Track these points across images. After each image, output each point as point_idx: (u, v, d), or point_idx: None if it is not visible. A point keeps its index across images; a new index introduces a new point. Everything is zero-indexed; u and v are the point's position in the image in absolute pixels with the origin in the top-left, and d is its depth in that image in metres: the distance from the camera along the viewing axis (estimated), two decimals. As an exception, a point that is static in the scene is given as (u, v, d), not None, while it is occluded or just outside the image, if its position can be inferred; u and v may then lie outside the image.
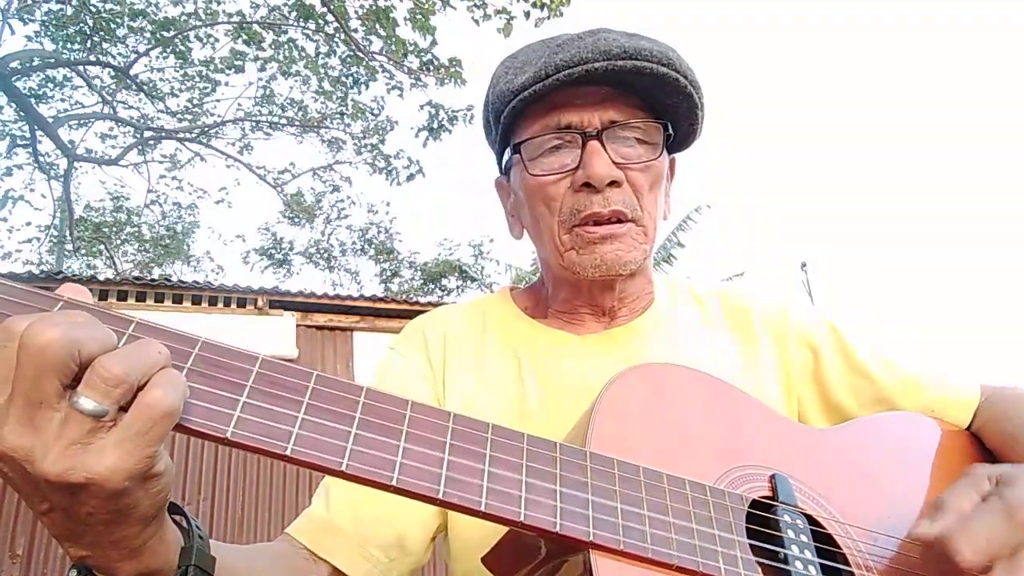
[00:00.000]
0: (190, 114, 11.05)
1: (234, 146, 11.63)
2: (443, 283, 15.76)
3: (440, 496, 0.50)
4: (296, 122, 11.32)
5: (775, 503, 0.65)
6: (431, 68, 8.76)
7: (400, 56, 8.67)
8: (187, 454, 5.97)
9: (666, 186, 0.90)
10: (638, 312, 0.91)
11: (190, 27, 9.37)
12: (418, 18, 8.14)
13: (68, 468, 0.41)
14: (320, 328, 7.13)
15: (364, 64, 9.31)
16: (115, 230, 14.34)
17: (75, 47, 9.27)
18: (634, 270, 0.83)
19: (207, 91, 10.72)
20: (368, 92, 10.32)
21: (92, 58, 9.23)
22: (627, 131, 0.82)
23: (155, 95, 10.42)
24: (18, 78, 8.40)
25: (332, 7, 8.19)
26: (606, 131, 0.81)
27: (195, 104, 10.93)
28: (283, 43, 9.63)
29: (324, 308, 7.19)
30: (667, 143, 0.84)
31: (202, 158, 11.94)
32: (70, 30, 9.00)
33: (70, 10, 8.66)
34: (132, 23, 9.28)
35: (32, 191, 10.83)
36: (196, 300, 6.87)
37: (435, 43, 8.59)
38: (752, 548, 0.60)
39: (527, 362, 0.87)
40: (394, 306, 7.47)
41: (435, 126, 9.52)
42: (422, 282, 15.94)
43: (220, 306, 6.91)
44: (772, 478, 0.67)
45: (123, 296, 6.66)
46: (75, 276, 7.81)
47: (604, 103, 0.82)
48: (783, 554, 0.61)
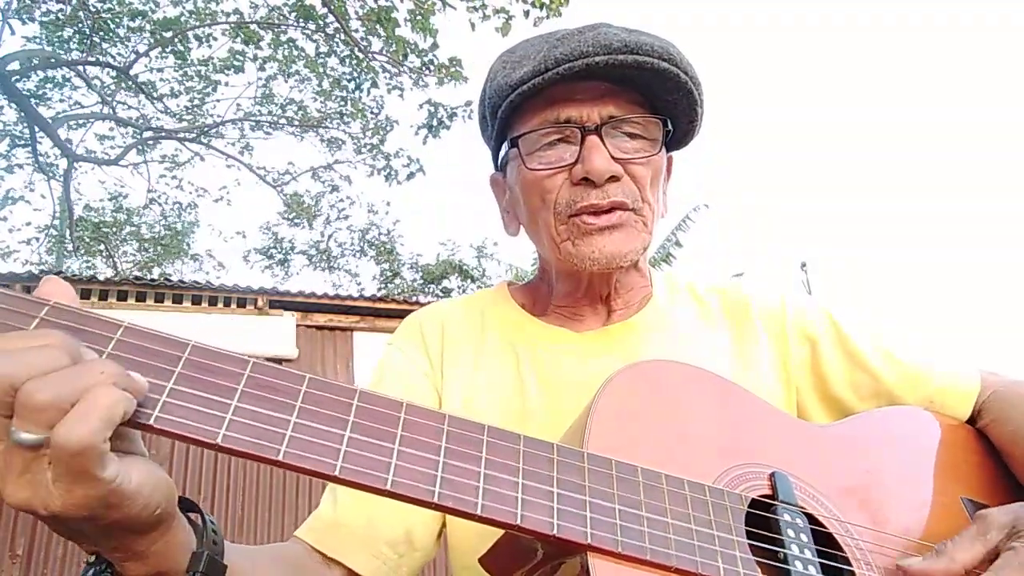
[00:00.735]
0: (190, 114, 11.04)
1: (234, 146, 11.63)
2: (443, 284, 15.74)
3: (435, 500, 0.49)
4: (296, 122, 11.31)
5: (775, 502, 0.64)
6: (431, 68, 8.75)
7: (400, 56, 8.65)
8: (187, 454, 5.97)
9: (663, 184, 0.90)
10: (635, 307, 0.91)
11: (189, 27, 9.36)
12: (418, 19, 8.12)
13: (26, 499, 0.40)
14: (320, 328, 7.13)
15: (364, 65, 9.30)
16: (115, 230, 14.32)
17: (74, 47, 9.26)
18: (633, 260, 0.83)
19: (207, 91, 10.71)
20: (368, 94, 10.31)
21: (91, 58, 9.21)
22: (626, 126, 0.81)
23: (155, 95, 10.41)
24: (18, 78, 8.39)
25: (332, 7, 8.17)
26: (605, 126, 0.80)
27: (195, 104, 10.92)
28: (282, 43, 9.61)
29: (324, 308, 7.19)
30: (666, 139, 0.84)
31: (202, 158, 11.95)
32: (69, 30, 8.99)
33: (69, 10, 8.64)
34: (131, 23, 9.27)
35: (32, 191, 10.84)
36: (196, 300, 6.87)
37: (436, 45, 8.58)
38: (752, 548, 0.59)
39: (526, 359, 0.87)
40: (394, 306, 7.46)
41: (434, 123, 9.51)
42: (423, 283, 15.90)
43: (220, 306, 6.90)
44: (772, 476, 0.66)
45: (123, 296, 6.65)
46: (75, 276, 7.78)
47: (603, 98, 0.81)
48: (783, 554, 0.61)
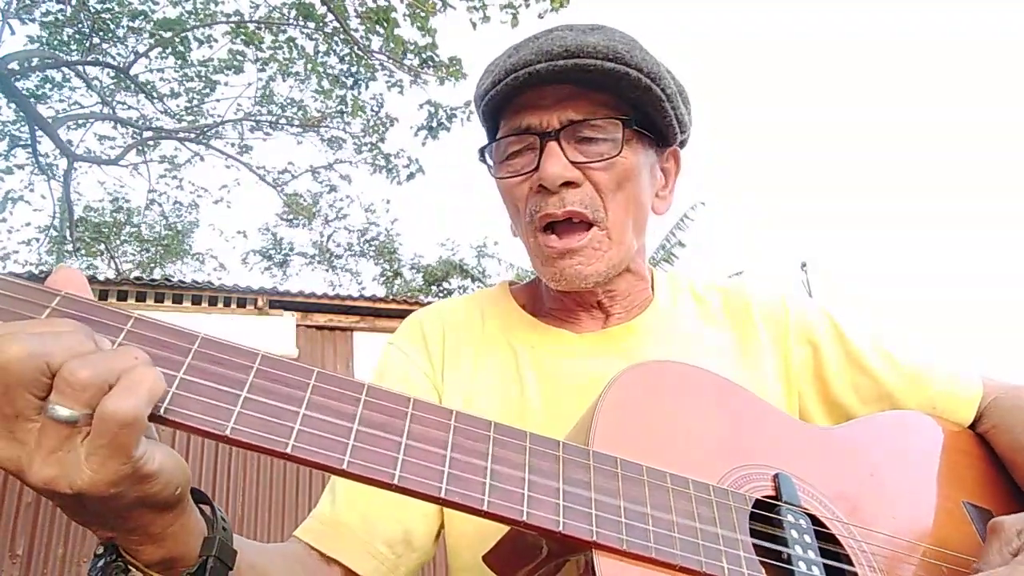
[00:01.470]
0: (190, 114, 11.04)
1: (234, 146, 11.62)
2: (444, 285, 15.72)
3: (442, 495, 0.49)
4: (296, 121, 11.31)
5: (779, 503, 0.64)
6: (431, 66, 8.75)
7: (400, 55, 8.65)
8: (187, 454, 5.95)
9: (664, 180, 0.90)
10: (635, 311, 0.91)
11: (189, 27, 9.36)
12: (419, 14, 8.12)
13: (52, 477, 0.41)
14: (320, 328, 7.13)
15: (364, 63, 9.30)
16: (115, 230, 14.30)
17: (74, 47, 9.26)
18: (599, 281, 0.82)
19: (206, 91, 10.71)
20: (368, 90, 10.32)
21: (91, 58, 9.22)
22: (586, 130, 0.79)
23: (154, 95, 10.41)
24: (18, 78, 8.39)
25: (332, 6, 8.17)
26: (564, 130, 0.79)
27: (195, 104, 10.92)
28: (282, 43, 9.62)
29: (324, 308, 7.19)
30: (631, 139, 0.81)
31: (202, 158, 11.94)
32: (69, 31, 9.00)
33: (69, 10, 8.65)
34: (131, 23, 9.27)
35: (32, 191, 10.82)
36: (196, 300, 6.87)
37: (435, 44, 8.58)
38: (755, 548, 0.60)
39: (526, 360, 0.87)
40: (394, 306, 7.46)
41: (434, 124, 9.51)
42: (424, 283, 15.89)
43: (220, 306, 6.90)
44: (775, 477, 0.66)
45: (123, 296, 6.66)
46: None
47: (563, 103, 0.80)
48: (786, 554, 0.61)
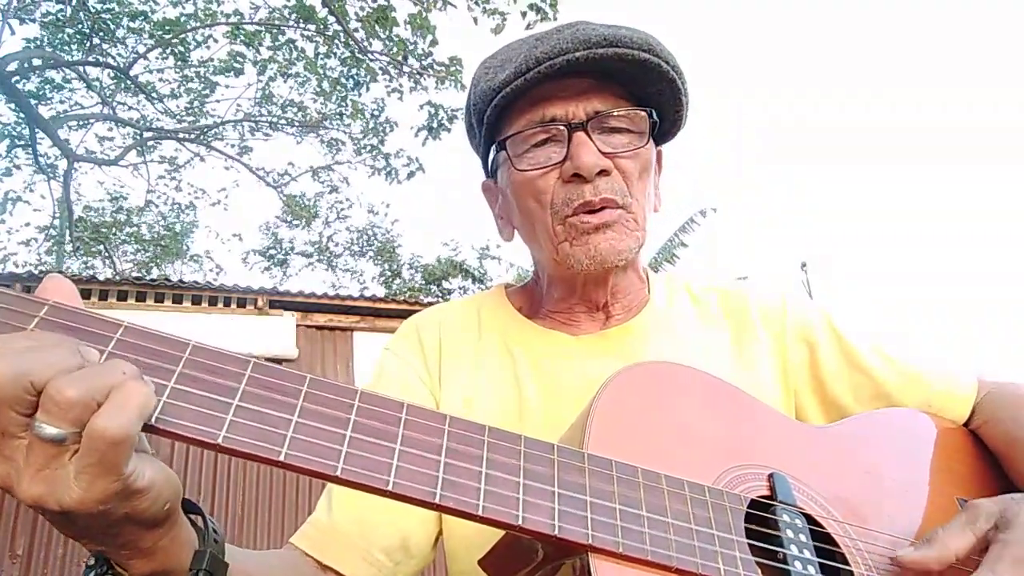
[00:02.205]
0: (190, 115, 11.04)
1: (234, 147, 11.62)
2: (444, 284, 15.69)
3: (437, 500, 0.49)
4: (296, 123, 11.30)
5: (774, 502, 0.64)
6: (431, 69, 8.75)
7: (400, 56, 8.65)
8: (187, 454, 5.96)
9: (655, 178, 0.90)
10: (633, 311, 0.91)
11: (189, 28, 9.36)
12: (420, 13, 8.11)
13: (41, 494, 0.41)
14: (320, 328, 7.12)
15: (364, 65, 9.29)
16: (114, 230, 14.30)
17: (74, 48, 9.26)
18: (629, 259, 0.83)
19: (206, 92, 10.70)
20: (368, 94, 10.31)
21: (91, 59, 9.21)
22: (612, 120, 0.82)
23: (154, 96, 10.40)
24: (18, 79, 8.39)
25: (332, 7, 8.17)
26: (591, 121, 0.80)
27: (194, 105, 10.91)
28: (282, 44, 9.61)
29: (324, 308, 7.19)
30: (653, 131, 0.84)
31: (201, 159, 11.94)
32: (69, 31, 8.99)
33: (69, 11, 8.64)
34: (131, 24, 9.27)
35: (32, 191, 10.84)
36: (196, 300, 6.87)
37: (435, 42, 8.58)
38: (751, 548, 0.60)
39: (524, 363, 0.87)
40: (394, 306, 7.46)
41: (434, 125, 9.51)
42: (425, 283, 15.86)
43: (220, 306, 6.90)
44: (771, 477, 0.66)
45: (123, 296, 6.65)
46: (74, 276, 7.78)
47: (587, 94, 0.81)
48: (782, 554, 0.61)
